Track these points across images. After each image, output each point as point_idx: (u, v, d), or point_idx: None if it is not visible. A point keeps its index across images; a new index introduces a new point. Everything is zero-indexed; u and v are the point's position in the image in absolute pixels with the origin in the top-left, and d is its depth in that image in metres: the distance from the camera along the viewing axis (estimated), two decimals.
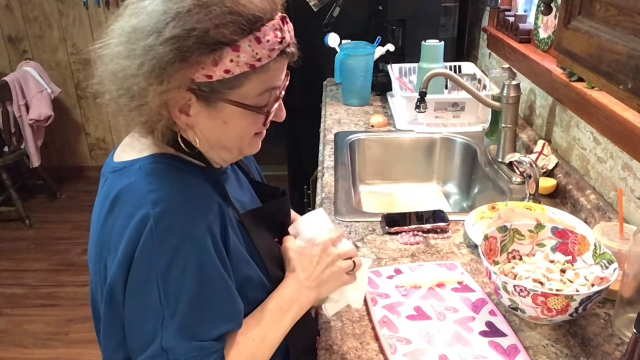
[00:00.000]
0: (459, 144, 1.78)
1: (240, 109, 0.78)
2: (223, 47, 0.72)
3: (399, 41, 2.19)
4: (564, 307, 0.88)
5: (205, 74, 0.73)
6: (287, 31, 0.78)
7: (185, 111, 0.77)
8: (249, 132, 0.83)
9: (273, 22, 0.75)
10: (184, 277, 0.74)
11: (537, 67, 1.60)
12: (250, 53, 0.73)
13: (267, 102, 0.81)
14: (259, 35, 0.73)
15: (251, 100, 0.78)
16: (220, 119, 0.79)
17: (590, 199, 1.26)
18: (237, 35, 0.72)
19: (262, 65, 0.75)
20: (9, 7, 3.50)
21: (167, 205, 0.75)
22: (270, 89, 0.80)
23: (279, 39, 0.76)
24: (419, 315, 0.99)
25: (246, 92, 0.77)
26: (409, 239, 1.23)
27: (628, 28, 0.66)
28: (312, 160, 1.88)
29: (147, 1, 0.73)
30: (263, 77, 0.77)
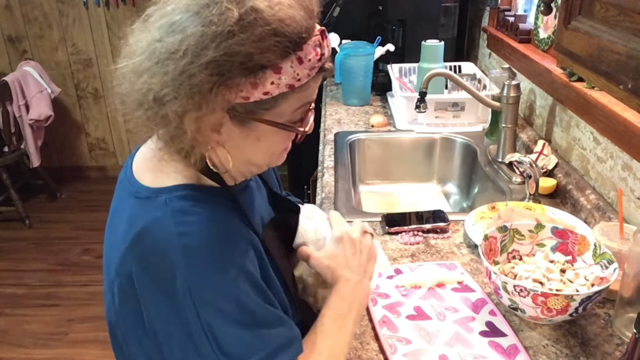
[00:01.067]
0: (459, 144, 1.78)
1: (274, 127, 0.73)
2: (265, 70, 0.67)
3: (399, 41, 2.19)
4: (564, 307, 0.88)
5: (243, 96, 0.68)
6: (326, 46, 0.73)
7: (217, 130, 0.72)
8: (280, 147, 0.79)
9: (314, 39, 0.70)
10: (230, 324, 0.70)
11: (537, 67, 1.60)
12: (291, 74, 0.68)
13: (301, 117, 0.76)
14: (301, 55, 0.68)
15: (286, 118, 0.74)
16: (253, 137, 0.74)
17: (590, 199, 1.26)
18: (279, 57, 0.67)
19: (301, 85, 0.70)
20: (9, 7, 3.50)
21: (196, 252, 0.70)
22: (306, 104, 0.75)
23: (319, 56, 0.71)
24: (419, 315, 0.99)
25: (282, 111, 0.72)
26: (409, 239, 1.23)
27: (628, 28, 0.66)
28: (312, 160, 1.88)
29: (178, 16, 0.67)
30: (300, 96, 0.72)
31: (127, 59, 0.71)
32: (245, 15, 0.65)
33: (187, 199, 0.74)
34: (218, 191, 0.78)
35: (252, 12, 0.65)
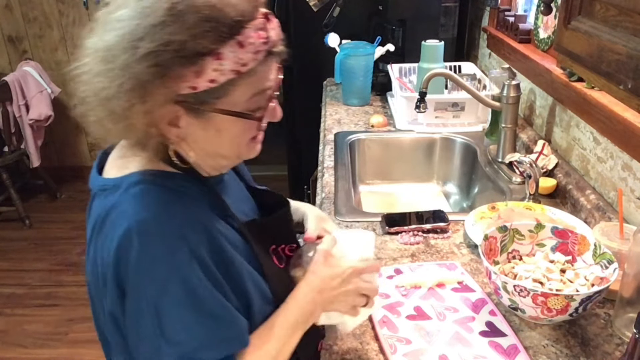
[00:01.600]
0: (459, 144, 1.78)
1: (231, 117, 0.74)
2: (204, 57, 0.67)
3: (399, 41, 2.19)
4: (564, 307, 0.88)
5: (189, 85, 0.69)
6: (272, 29, 0.73)
7: (175, 124, 0.74)
8: (244, 138, 0.79)
9: (255, 22, 0.70)
10: (175, 305, 0.72)
11: (537, 67, 1.60)
12: (233, 59, 0.68)
13: (259, 105, 0.77)
14: (241, 40, 0.68)
15: (241, 106, 0.74)
16: (213, 128, 0.75)
17: (590, 199, 1.26)
18: (218, 43, 0.67)
19: (248, 70, 0.70)
20: (9, 7, 3.50)
21: (149, 232, 0.72)
22: (261, 91, 0.75)
23: (264, 39, 0.71)
24: (419, 315, 0.99)
25: (235, 99, 0.73)
26: (409, 239, 1.23)
27: (628, 28, 0.66)
28: (312, 160, 1.88)
29: (117, 13, 0.69)
30: (251, 81, 0.73)
31: (79, 61, 0.73)
32: (176, 4, 0.66)
33: (147, 184, 0.76)
34: (185, 179, 0.80)
35: (184, 0, 0.66)
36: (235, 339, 0.77)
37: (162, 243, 0.72)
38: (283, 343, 0.81)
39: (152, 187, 0.76)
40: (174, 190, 0.78)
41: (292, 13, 2.45)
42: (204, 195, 0.81)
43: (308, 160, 2.41)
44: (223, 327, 0.75)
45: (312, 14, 2.15)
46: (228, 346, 0.76)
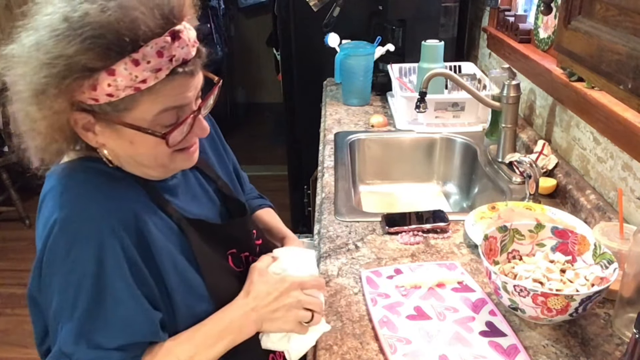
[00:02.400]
0: (459, 144, 1.78)
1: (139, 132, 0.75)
2: (97, 71, 0.69)
3: (399, 41, 2.19)
4: (564, 307, 0.88)
5: (90, 97, 0.71)
6: (180, 47, 0.72)
7: (90, 129, 0.76)
8: (160, 151, 0.79)
9: (157, 41, 0.70)
10: (82, 283, 0.75)
11: (537, 67, 1.60)
12: (128, 76, 0.69)
13: (171, 122, 0.77)
14: (136, 57, 0.69)
15: (149, 122, 0.75)
16: (126, 139, 0.77)
17: (590, 199, 1.26)
18: (109, 59, 0.69)
19: (148, 87, 0.71)
20: (9, 7, 3.50)
21: (72, 211, 0.76)
22: (171, 108, 0.76)
23: (167, 57, 0.71)
24: (419, 315, 0.99)
25: (141, 115, 0.74)
26: (409, 239, 1.23)
27: (628, 28, 0.66)
28: (312, 160, 1.88)
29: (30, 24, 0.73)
30: (156, 99, 0.73)
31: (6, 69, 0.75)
32: (72, 19, 0.68)
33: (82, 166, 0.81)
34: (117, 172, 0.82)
35: (80, 16, 0.68)
36: (139, 331, 0.78)
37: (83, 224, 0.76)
38: (198, 351, 0.83)
39: (86, 169, 0.81)
40: (108, 173, 0.81)
41: (292, 13, 2.45)
42: (139, 185, 0.84)
43: (308, 160, 2.41)
44: (129, 315, 0.77)
45: (312, 14, 2.15)
46: (130, 335, 0.77)
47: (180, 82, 0.74)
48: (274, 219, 1.23)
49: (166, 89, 0.73)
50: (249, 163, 4.26)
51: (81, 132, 0.77)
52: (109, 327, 0.76)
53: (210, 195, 0.99)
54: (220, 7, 4.60)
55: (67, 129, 0.75)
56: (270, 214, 1.24)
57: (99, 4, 0.68)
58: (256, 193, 1.27)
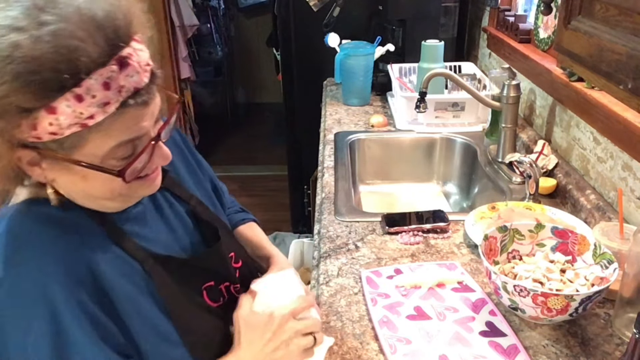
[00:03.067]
0: (459, 144, 1.78)
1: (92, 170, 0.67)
2: (35, 110, 0.60)
3: (399, 41, 2.19)
4: (564, 307, 0.88)
5: (32, 135, 0.62)
6: (129, 76, 0.63)
7: (37, 164, 0.67)
8: (116, 186, 0.70)
9: (101, 72, 0.61)
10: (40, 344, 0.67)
11: (537, 67, 1.60)
12: (71, 114, 0.61)
13: (128, 154, 0.69)
14: (79, 93, 0.60)
15: (101, 158, 0.67)
16: (78, 175, 0.69)
17: (590, 199, 1.26)
18: (46, 97, 0.60)
19: (97, 122, 0.62)
20: None
21: (19, 270, 0.68)
22: (127, 142, 0.68)
23: (115, 89, 0.62)
24: (419, 315, 0.99)
25: (92, 151, 0.66)
26: (409, 239, 1.23)
27: (628, 28, 0.66)
28: (312, 160, 1.88)
29: None
30: (107, 134, 0.65)
31: None
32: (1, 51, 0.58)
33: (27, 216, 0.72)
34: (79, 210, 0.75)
35: (8, 48, 0.58)
36: None
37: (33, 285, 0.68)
38: None
39: (31, 219, 0.72)
40: (58, 219, 0.73)
41: (292, 13, 2.45)
42: (95, 224, 0.75)
43: (308, 160, 2.41)
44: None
45: (312, 14, 2.15)
46: None
47: (132, 115, 0.66)
48: (258, 235, 1.14)
49: (117, 123, 0.64)
50: (249, 163, 4.28)
51: (27, 168, 0.68)
52: None
53: (181, 218, 0.91)
54: (220, 7, 4.60)
55: (10, 169, 0.67)
56: (253, 230, 1.16)
57: (30, 33, 0.58)
58: (238, 207, 1.20)
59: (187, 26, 3.79)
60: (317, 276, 1.11)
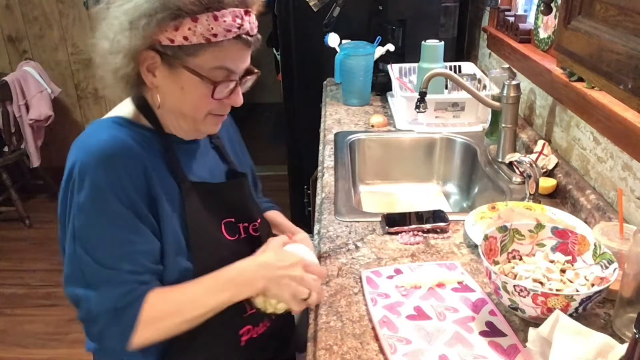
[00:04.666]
0: (459, 144, 1.78)
1: (194, 77, 0.90)
2: (184, 15, 0.85)
3: (399, 41, 2.19)
4: (564, 307, 0.88)
5: (168, 37, 0.87)
6: (249, 22, 0.91)
7: (152, 71, 0.91)
8: (202, 103, 0.94)
9: (234, 9, 0.88)
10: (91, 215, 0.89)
11: (537, 67, 1.60)
12: (206, 26, 0.86)
13: (220, 79, 0.92)
14: (217, 14, 0.86)
15: (205, 72, 0.90)
16: (179, 84, 0.92)
17: (590, 199, 1.26)
18: (197, 7, 0.85)
19: (217, 41, 0.87)
20: (9, 7, 3.50)
21: (90, 156, 0.90)
22: (224, 68, 0.92)
23: (238, 24, 0.88)
24: (419, 315, 0.99)
25: (201, 63, 0.90)
26: (409, 239, 1.23)
27: (628, 28, 0.66)
28: (312, 160, 1.88)
29: None
30: (218, 54, 0.89)
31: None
32: None
33: (113, 122, 0.96)
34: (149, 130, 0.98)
35: None
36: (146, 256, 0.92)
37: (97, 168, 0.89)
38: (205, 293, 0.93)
39: (116, 125, 0.95)
40: (132, 131, 0.95)
41: (292, 13, 2.45)
42: (158, 145, 0.98)
43: (308, 160, 2.41)
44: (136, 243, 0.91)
45: (312, 14, 2.15)
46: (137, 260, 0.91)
47: (240, 48, 0.92)
48: (284, 219, 1.32)
49: (228, 49, 0.90)
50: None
51: (144, 71, 0.91)
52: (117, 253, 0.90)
53: (221, 168, 1.13)
54: None
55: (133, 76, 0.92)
56: (279, 215, 1.33)
57: None
58: (266, 199, 1.38)
59: None
60: None
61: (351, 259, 1.16)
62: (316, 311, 1.02)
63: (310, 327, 0.99)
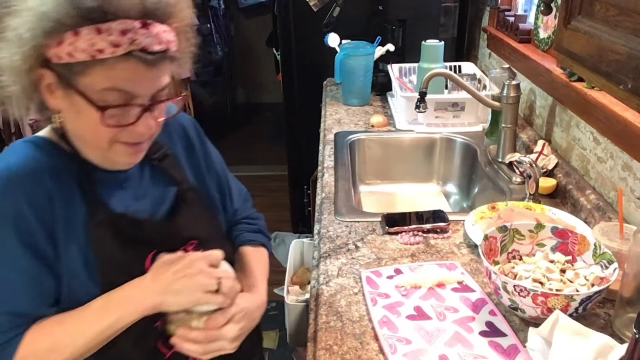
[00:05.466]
0: (459, 144, 1.78)
1: (85, 101, 0.78)
2: (65, 29, 0.74)
3: (399, 41, 2.19)
4: (564, 307, 0.88)
5: (54, 54, 0.76)
6: (147, 36, 0.76)
7: (51, 90, 0.80)
8: (98, 130, 0.80)
9: (125, 21, 0.75)
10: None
11: (537, 67, 1.60)
12: (88, 41, 0.74)
13: (114, 104, 0.79)
14: (100, 27, 0.74)
15: (95, 94, 0.78)
16: (75, 107, 0.80)
17: (590, 199, 1.26)
18: (76, 19, 0.74)
19: (103, 58, 0.75)
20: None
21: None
22: (118, 90, 0.78)
23: (129, 38, 0.75)
24: (419, 315, 0.99)
25: (92, 83, 0.77)
26: (409, 239, 1.23)
27: (628, 28, 0.66)
28: (312, 160, 1.88)
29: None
30: (108, 73, 0.76)
31: None
32: None
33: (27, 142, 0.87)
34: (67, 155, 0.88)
35: None
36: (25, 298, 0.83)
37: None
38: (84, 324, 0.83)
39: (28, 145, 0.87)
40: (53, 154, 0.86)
41: (292, 13, 2.45)
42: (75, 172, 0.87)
43: (308, 160, 2.41)
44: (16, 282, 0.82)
45: (312, 14, 2.15)
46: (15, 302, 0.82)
47: (134, 67, 0.77)
48: (258, 262, 1.09)
49: (119, 68, 0.76)
50: (249, 163, 4.28)
51: (45, 93, 0.81)
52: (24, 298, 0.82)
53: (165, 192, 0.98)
54: (220, 7, 4.60)
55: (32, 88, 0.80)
56: (257, 254, 1.11)
57: None
58: (258, 227, 1.17)
59: None
60: (317, 276, 1.11)
61: (351, 259, 1.16)
62: (316, 311, 1.02)
63: (310, 327, 0.99)
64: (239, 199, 1.17)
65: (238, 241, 1.12)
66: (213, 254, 0.89)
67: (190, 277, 0.84)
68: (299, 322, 1.97)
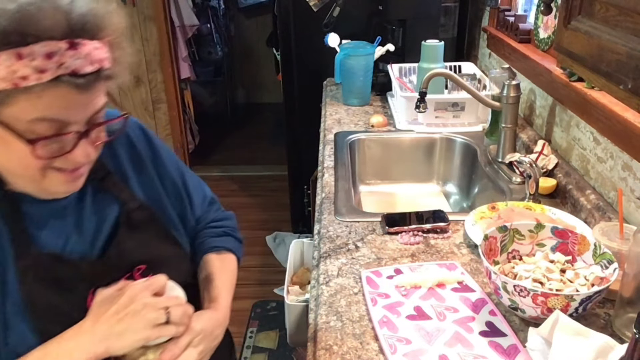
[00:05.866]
0: (459, 144, 1.78)
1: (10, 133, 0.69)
2: None
3: (399, 41, 2.19)
4: (564, 307, 0.88)
5: None
6: (74, 58, 0.68)
7: None
8: (30, 163, 0.72)
9: (50, 43, 0.66)
10: None
11: (537, 67, 1.60)
12: (8, 68, 0.65)
13: (46, 134, 0.70)
14: (21, 51, 0.65)
15: (22, 126, 0.69)
16: (0, 140, 0.71)
17: (590, 199, 1.26)
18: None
19: (28, 85, 0.66)
20: None
21: None
22: (49, 120, 0.70)
23: (55, 62, 0.66)
24: (419, 315, 0.99)
25: (18, 114, 0.68)
26: (409, 239, 1.23)
27: (628, 28, 0.66)
28: (312, 160, 1.88)
29: None
30: (36, 101, 0.68)
31: None
32: None
33: None
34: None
35: None
36: None
37: None
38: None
39: None
40: None
41: (292, 13, 2.45)
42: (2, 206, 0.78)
43: (308, 160, 2.41)
44: None
45: (312, 14, 2.15)
46: None
47: (64, 93, 0.69)
48: (221, 271, 1.01)
49: (47, 95, 0.68)
50: (249, 163, 4.28)
51: None
52: None
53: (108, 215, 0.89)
54: (220, 7, 4.60)
55: None
56: (220, 262, 1.03)
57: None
58: (223, 229, 1.08)
59: (187, 26, 3.79)
60: (317, 276, 1.11)
61: (351, 259, 1.16)
62: (316, 311, 1.02)
63: (310, 327, 0.99)
64: (202, 205, 1.09)
65: (202, 249, 1.04)
66: (156, 281, 0.81)
67: (133, 315, 0.76)
68: (299, 322, 1.98)
